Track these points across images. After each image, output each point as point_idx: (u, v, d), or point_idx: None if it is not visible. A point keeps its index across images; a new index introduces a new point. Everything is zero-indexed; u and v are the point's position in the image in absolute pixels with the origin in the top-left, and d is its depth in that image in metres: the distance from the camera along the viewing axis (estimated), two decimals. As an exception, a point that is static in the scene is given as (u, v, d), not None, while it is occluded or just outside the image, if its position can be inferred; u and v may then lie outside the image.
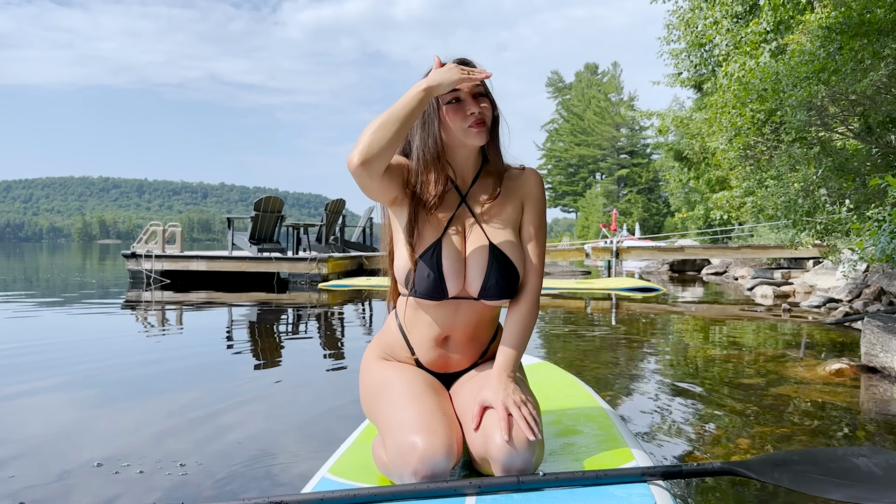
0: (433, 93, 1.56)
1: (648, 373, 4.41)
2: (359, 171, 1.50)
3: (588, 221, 53.71)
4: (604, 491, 1.40)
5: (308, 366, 4.79)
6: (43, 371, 4.45)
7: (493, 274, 1.63)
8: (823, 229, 7.16)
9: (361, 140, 1.50)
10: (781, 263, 14.75)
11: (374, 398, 1.67)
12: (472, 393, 1.62)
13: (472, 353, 1.73)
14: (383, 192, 1.61)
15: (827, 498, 1.42)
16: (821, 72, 5.95)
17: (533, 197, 1.74)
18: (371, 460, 1.68)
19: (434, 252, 1.63)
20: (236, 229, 14.05)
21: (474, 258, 1.65)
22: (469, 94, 1.64)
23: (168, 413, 3.40)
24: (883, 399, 3.62)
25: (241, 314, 7.99)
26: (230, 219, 14.12)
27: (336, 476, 1.60)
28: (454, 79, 1.57)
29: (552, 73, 68.76)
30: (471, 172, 1.74)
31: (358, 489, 1.39)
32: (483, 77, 1.61)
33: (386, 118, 1.51)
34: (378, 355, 1.78)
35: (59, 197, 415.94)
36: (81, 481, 2.42)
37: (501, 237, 1.67)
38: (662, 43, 17.10)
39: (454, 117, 1.64)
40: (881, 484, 1.43)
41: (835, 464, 1.53)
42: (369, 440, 1.87)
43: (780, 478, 1.46)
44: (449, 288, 1.63)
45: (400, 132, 1.52)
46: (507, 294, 1.66)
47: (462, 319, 1.68)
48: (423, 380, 1.65)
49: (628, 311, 8.21)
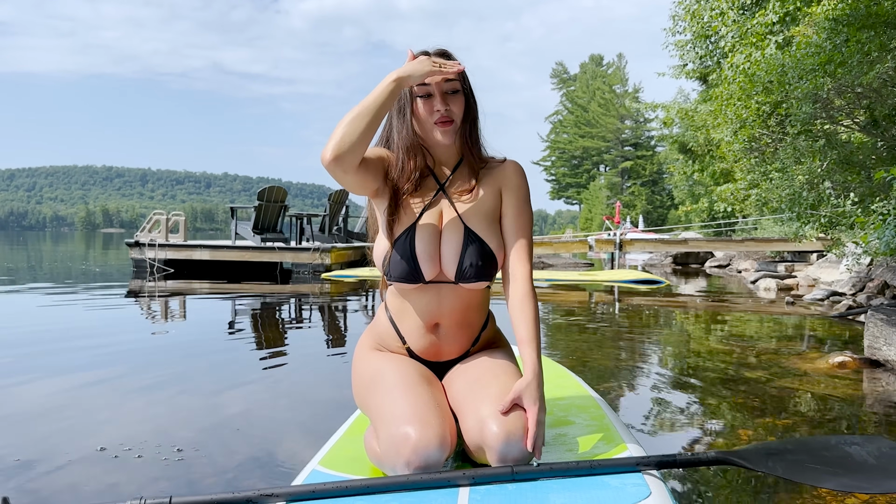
0: (403, 84, 1.57)
1: (650, 365, 4.40)
2: (332, 166, 1.51)
3: (592, 213, 53.66)
4: (598, 481, 1.39)
5: (310, 355, 4.79)
6: (46, 357, 4.47)
7: (469, 256, 1.63)
8: (828, 222, 7.13)
9: (334, 135, 1.51)
10: (785, 256, 14.72)
11: (366, 389, 1.66)
12: (467, 383, 1.61)
13: (463, 340, 1.72)
14: (360, 185, 1.61)
15: (821, 487, 1.41)
16: (827, 64, 5.90)
17: (511, 185, 1.73)
18: (363, 452, 1.67)
19: (408, 236, 1.64)
20: (240, 219, 14.03)
21: (449, 241, 1.65)
22: (439, 91, 1.64)
23: (168, 400, 3.42)
24: (886, 392, 3.61)
25: (243, 304, 8.00)
26: (233, 208, 14.10)
27: (327, 468, 1.59)
28: (424, 71, 1.57)
29: (557, 64, 68.63)
30: (451, 162, 1.74)
31: (349, 481, 1.38)
32: (454, 71, 1.60)
33: (357, 111, 1.52)
34: (370, 346, 1.77)
35: (62, 186, 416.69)
36: (82, 465, 2.44)
37: (476, 221, 1.67)
38: (668, 34, 16.98)
39: (423, 111, 1.65)
40: (874, 472, 1.43)
41: (828, 452, 1.53)
42: (360, 432, 1.86)
43: (774, 467, 1.46)
44: (423, 271, 1.63)
45: (371, 124, 1.53)
46: (485, 276, 1.66)
47: (448, 305, 1.67)
48: (416, 370, 1.64)
49: (631, 303, 8.20)
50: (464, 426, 1.53)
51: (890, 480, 1.39)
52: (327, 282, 10.86)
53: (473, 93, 1.72)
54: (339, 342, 5.37)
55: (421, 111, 1.65)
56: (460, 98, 1.67)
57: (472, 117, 1.72)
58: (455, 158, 1.74)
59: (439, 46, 1.70)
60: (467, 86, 1.70)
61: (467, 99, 1.69)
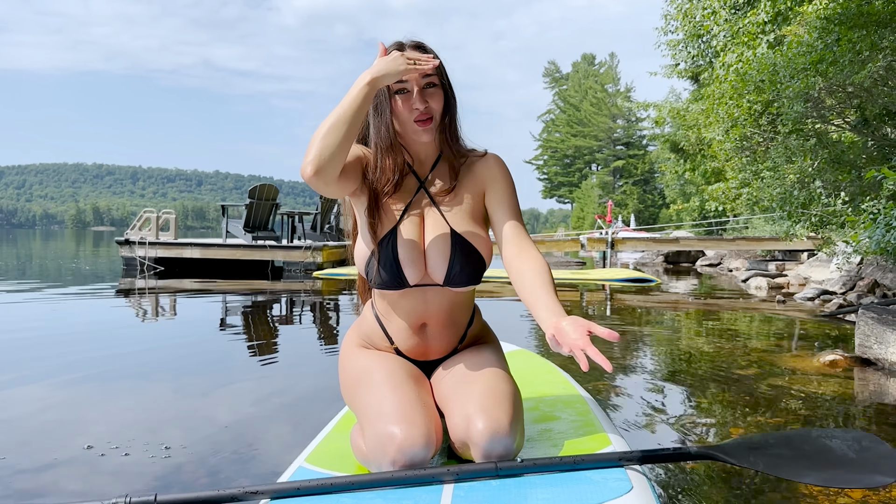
0: (377, 85, 1.50)
1: (641, 362, 4.40)
2: (313, 180, 1.46)
3: (584, 212, 53.77)
4: (581, 476, 1.39)
5: (301, 352, 4.77)
6: (33, 356, 4.43)
7: (458, 261, 1.59)
8: (818, 221, 7.15)
9: (312, 148, 1.45)
10: (776, 255, 14.77)
11: (354, 386, 1.64)
12: (454, 380, 1.60)
13: (450, 338, 1.70)
14: (341, 191, 1.57)
15: (801, 482, 1.41)
16: (818, 63, 5.92)
17: (496, 178, 1.68)
18: (349, 449, 1.66)
19: (390, 241, 1.59)
20: (231, 217, 13.97)
21: (434, 245, 1.60)
22: (417, 86, 1.58)
23: (157, 397, 3.40)
24: (877, 390, 3.61)
25: (234, 302, 7.96)
26: (224, 206, 14.04)
27: (313, 465, 1.58)
28: (399, 69, 1.51)
29: (549, 63, 68.63)
30: (430, 158, 1.69)
31: (335, 477, 1.37)
32: (429, 67, 1.54)
33: (333, 121, 1.46)
34: (357, 343, 1.75)
35: (52, 183, 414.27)
36: (68, 464, 2.42)
37: (461, 222, 1.63)
38: (660, 33, 17.03)
39: (402, 108, 1.59)
40: (854, 465, 1.43)
41: (809, 446, 1.53)
42: (347, 429, 1.85)
43: (756, 462, 1.46)
44: (408, 276, 1.59)
45: (350, 133, 1.47)
46: (474, 280, 1.62)
47: (434, 306, 1.65)
48: (404, 369, 1.63)
49: (622, 301, 8.20)
50: (449, 423, 1.52)
51: (870, 475, 1.39)
52: (319, 280, 10.83)
53: (451, 86, 1.66)
54: (330, 340, 5.34)
55: (399, 108, 1.59)
56: (439, 93, 1.61)
57: (451, 111, 1.67)
58: (434, 154, 1.70)
59: (413, 38, 1.64)
60: (445, 79, 1.64)
61: (446, 93, 1.64)
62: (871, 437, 1.55)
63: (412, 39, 1.63)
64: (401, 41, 1.63)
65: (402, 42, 1.63)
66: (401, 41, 1.63)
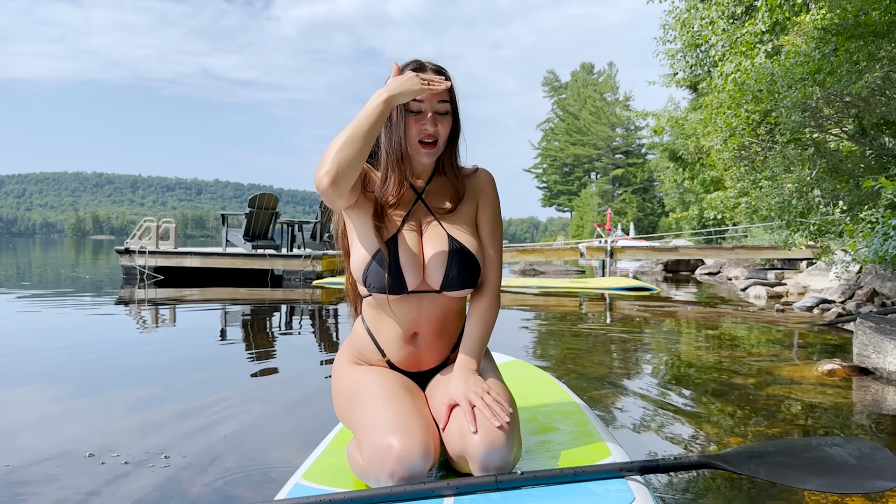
0: (393, 103, 1.57)
1: (640, 372, 4.40)
2: (329, 191, 1.51)
3: (583, 221, 53.74)
4: (582, 487, 1.39)
5: (300, 362, 4.77)
6: (34, 365, 4.43)
7: (455, 265, 1.64)
8: (817, 230, 7.17)
9: (327, 160, 1.50)
10: (775, 264, 14.77)
11: (348, 402, 1.64)
12: (448, 392, 1.60)
13: (442, 348, 1.72)
14: (349, 201, 1.63)
15: (802, 488, 1.41)
16: (816, 73, 5.94)
17: (486, 195, 1.76)
18: (346, 465, 1.65)
19: (391, 247, 1.63)
20: (230, 226, 13.97)
21: (433, 250, 1.65)
22: (431, 109, 1.65)
23: (158, 406, 3.40)
24: (875, 399, 3.62)
25: (234, 311, 7.96)
26: (224, 215, 14.04)
27: (310, 482, 1.57)
28: (414, 89, 1.57)
29: (548, 72, 68.73)
30: (427, 172, 1.75)
31: (333, 493, 1.37)
32: (443, 88, 1.60)
33: (349, 134, 1.52)
34: (349, 360, 1.76)
35: (52, 192, 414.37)
36: (70, 472, 2.43)
37: (458, 229, 1.68)
38: (658, 43, 17.10)
39: (412, 127, 1.65)
40: (855, 471, 1.44)
41: (809, 454, 1.54)
42: (343, 444, 1.84)
43: (757, 469, 1.46)
44: (408, 281, 1.62)
45: (365, 147, 1.53)
46: (469, 284, 1.66)
47: (427, 314, 1.67)
48: (398, 381, 1.63)
49: (622, 310, 8.20)
50: (445, 435, 1.52)
51: (871, 480, 1.40)
52: (318, 289, 10.84)
53: (458, 112, 1.72)
54: (329, 349, 5.34)
55: (410, 127, 1.65)
56: (448, 120, 1.68)
57: (455, 139, 1.73)
58: (431, 168, 1.75)
59: (433, 61, 1.70)
60: (455, 106, 1.70)
61: (454, 120, 1.70)
62: (871, 444, 1.56)
63: (433, 64, 1.69)
64: (419, 60, 1.69)
65: (422, 62, 1.69)
66: (419, 60, 1.69)
